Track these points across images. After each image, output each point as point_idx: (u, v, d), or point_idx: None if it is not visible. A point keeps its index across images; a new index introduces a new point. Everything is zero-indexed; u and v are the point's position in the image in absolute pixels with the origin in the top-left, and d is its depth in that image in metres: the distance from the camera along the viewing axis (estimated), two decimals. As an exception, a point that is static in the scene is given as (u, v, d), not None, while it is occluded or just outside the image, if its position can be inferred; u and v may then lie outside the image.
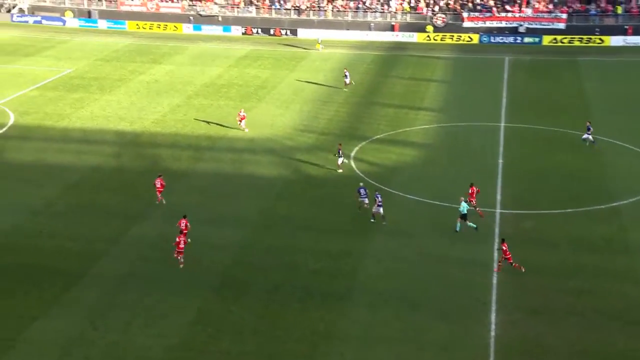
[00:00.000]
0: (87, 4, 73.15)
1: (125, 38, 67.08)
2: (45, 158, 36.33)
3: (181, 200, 32.31)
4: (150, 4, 72.57)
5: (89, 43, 64.69)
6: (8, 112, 43.21)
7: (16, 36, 65.72)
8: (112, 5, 73.03)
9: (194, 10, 72.19)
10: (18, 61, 56.06)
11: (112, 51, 61.72)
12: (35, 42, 63.73)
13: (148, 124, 42.61)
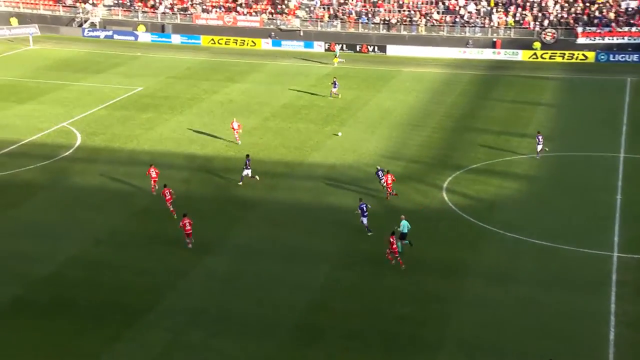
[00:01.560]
0: (161, 18, 76.36)
1: (199, 54, 69.39)
2: (111, 182, 37.74)
3: (253, 232, 32.71)
4: (227, 17, 74.94)
5: (161, 59, 67.31)
6: (75, 132, 45.36)
7: (87, 52, 69.29)
8: (186, 19, 75.90)
9: (274, 25, 73.94)
10: (88, 78, 58.98)
11: (184, 68, 63.93)
12: (106, 58, 66.93)
13: (221, 147, 43.62)
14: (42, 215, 33.68)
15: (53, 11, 78.29)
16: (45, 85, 56.17)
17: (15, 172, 38.30)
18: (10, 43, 71.61)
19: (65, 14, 77.93)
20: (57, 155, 41.04)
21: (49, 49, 69.84)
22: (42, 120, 47.32)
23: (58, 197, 35.72)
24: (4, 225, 32.53)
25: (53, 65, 63.41)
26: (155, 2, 77.42)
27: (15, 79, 57.80)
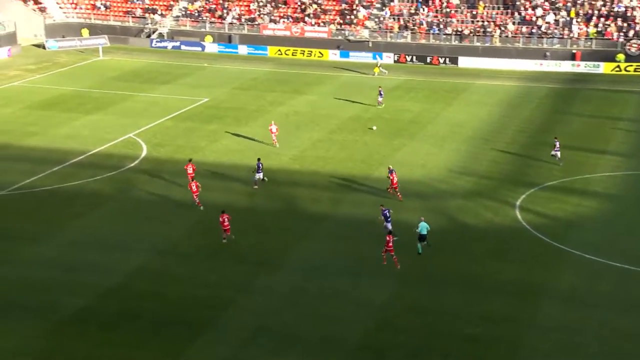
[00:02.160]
0: (228, 28, 77.99)
1: (265, 65, 70.48)
2: (175, 194, 38.66)
3: (318, 247, 32.94)
4: (294, 27, 75.94)
5: (227, 70, 68.67)
6: (141, 143, 46.72)
7: (154, 62, 71.33)
8: (253, 29, 77.29)
9: (342, 35, 74.51)
10: (154, 89, 60.70)
11: (250, 79, 65.03)
12: (173, 68, 68.71)
13: (285, 160, 44.11)
14: (108, 226, 34.78)
15: (123, 22, 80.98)
16: (113, 95, 58.08)
17: (83, 182, 39.70)
18: (80, 54, 74.42)
19: (134, 25, 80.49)
20: (123, 166, 42.35)
21: (117, 60, 72.24)
22: (109, 131, 48.92)
23: (123, 208, 36.83)
24: (71, 235, 33.74)
25: (121, 75, 65.53)
26: (222, 13, 79.20)
27: (85, 89, 60.00)
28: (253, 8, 79.52)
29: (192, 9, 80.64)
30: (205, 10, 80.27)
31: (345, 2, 78.06)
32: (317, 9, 77.91)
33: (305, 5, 78.43)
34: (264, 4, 79.73)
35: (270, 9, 79.17)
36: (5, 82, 61.68)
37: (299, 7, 78.71)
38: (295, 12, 78.49)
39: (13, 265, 30.69)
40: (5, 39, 73.11)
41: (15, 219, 35.07)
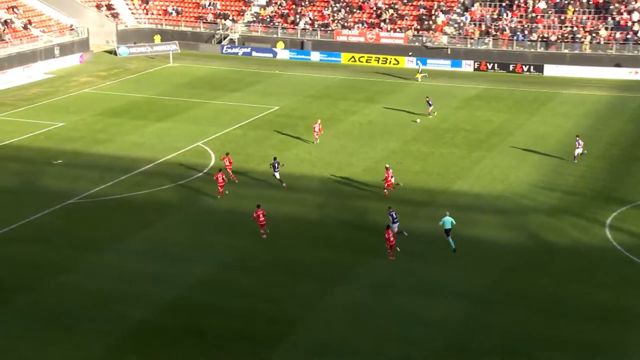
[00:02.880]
0: (300, 34, 78.62)
1: (338, 72, 70.67)
2: (242, 205, 38.91)
3: (388, 263, 32.63)
4: (369, 33, 75.93)
5: (299, 77, 69.14)
6: (209, 152, 47.39)
7: (225, 69, 72.47)
8: (327, 35, 77.66)
9: (419, 42, 74.04)
10: (224, 97, 61.60)
11: (323, 87, 65.26)
12: (243, 75, 69.62)
13: (358, 171, 43.96)
14: (174, 237, 35.32)
15: (194, 28, 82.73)
16: (183, 103, 59.22)
17: (150, 192, 40.51)
18: (151, 60, 76.33)
19: (205, 31, 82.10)
20: (191, 175, 43.02)
21: (187, 66, 73.73)
22: (177, 139, 49.85)
23: (190, 219, 37.36)
24: (137, 245, 34.41)
25: (191, 82, 66.82)
26: (295, 18, 79.87)
27: (154, 96, 61.43)
28: (326, 13, 79.92)
29: (264, 14, 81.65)
30: (277, 15, 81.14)
31: (423, 7, 77.58)
32: (393, 14, 77.69)
33: (381, 10, 78.32)
34: (337, 9, 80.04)
35: (345, 14, 79.39)
36: (76, 89, 63.76)
37: (375, 13, 78.67)
38: (370, 17, 78.48)
39: (79, 274, 31.48)
40: (78, 45, 75.69)
41: (82, 228, 36.02)
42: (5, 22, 71.03)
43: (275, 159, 41.46)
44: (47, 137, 49.62)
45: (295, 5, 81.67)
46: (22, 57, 68.94)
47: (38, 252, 33.27)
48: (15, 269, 31.58)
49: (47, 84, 65.21)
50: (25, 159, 45.44)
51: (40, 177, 42.48)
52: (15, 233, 35.13)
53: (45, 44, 72.28)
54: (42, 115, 54.83)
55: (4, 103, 58.27)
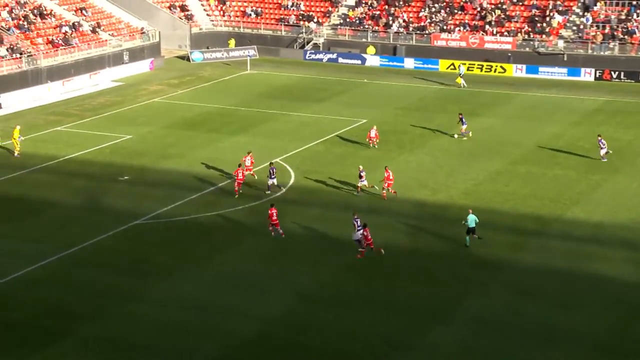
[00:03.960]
0: (393, 39, 78.67)
1: (435, 81, 70.32)
2: (326, 229, 39.05)
3: (492, 300, 31.99)
4: (472, 37, 75.28)
5: (390, 87, 69.10)
6: (289, 169, 47.79)
7: (308, 77, 73.16)
8: (423, 39, 77.46)
9: (530, 47, 72.93)
10: (306, 108, 62.12)
11: (417, 98, 65.00)
12: (328, 84, 70.09)
13: (456, 194, 43.48)
14: (248, 264, 35.65)
15: (274, 31, 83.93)
16: (260, 114, 60.00)
17: (223, 212, 41.10)
18: (226, 67, 77.83)
19: (286, 35, 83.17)
20: (268, 195, 43.42)
21: (266, 74, 74.82)
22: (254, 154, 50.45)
23: (266, 244, 37.65)
24: (207, 272, 34.86)
25: (270, 92, 67.72)
26: (388, 20, 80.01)
27: (229, 107, 62.51)
28: (423, 15, 79.76)
29: (353, 16, 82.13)
30: (367, 17, 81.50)
31: (536, 7, 76.41)
32: (500, 16, 76.84)
33: (486, 11, 77.60)
34: (436, 10, 79.76)
35: (444, 15, 79.04)
36: (145, 98, 65.56)
37: (478, 14, 78.03)
38: (473, 19, 77.90)
39: (146, 303, 32.10)
40: (148, 50, 77.86)
41: (150, 251, 36.81)
42: (73, 25, 73.74)
43: (271, 164, 43.51)
44: (113, 151, 51.09)
45: (388, 6, 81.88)
46: (89, 63, 71.34)
47: (103, 277, 34.12)
48: (79, 296, 32.45)
49: (115, 93, 67.31)
50: (89, 174, 46.89)
51: (104, 195, 43.73)
52: (78, 256, 36.17)
53: (113, 48, 74.65)
54: (109, 127, 56.55)
55: (69, 113, 60.40)
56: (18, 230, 38.80)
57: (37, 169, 47.32)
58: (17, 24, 69.89)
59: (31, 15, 71.94)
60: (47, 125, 56.79)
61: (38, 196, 43.09)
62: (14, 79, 64.46)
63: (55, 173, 46.78)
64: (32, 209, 41.52)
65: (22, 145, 50.18)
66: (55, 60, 68.81)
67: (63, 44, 70.09)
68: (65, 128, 56.57)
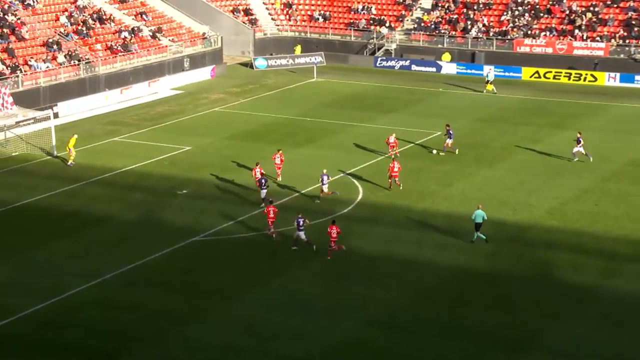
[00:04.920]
0: (471, 44, 78.23)
1: (518, 91, 69.73)
2: (397, 250, 38.89)
3: (579, 331, 31.46)
4: (559, 43, 74.35)
5: (467, 96, 68.65)
6: (357, 185, 47.83)
7: (378, 86, 73.19)
8: (504, 45, 76.81)
9: (625, 53, 71.66)
10: (377, 119, 62.11)
11: (498, 108, 64.42)
12: (400, 93, 69.98)
13: (540, 214, 42.94)
14: (314, 286, 35.71)
15: (343, 36, 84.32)
16: (327, 125, 60.23)
17: (286, 230, 41.31)
18: (291, 74, 78.41)
19: (356, 40, 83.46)
20: (334, 211, 43.50)
21: (334, 82, 75.11)
22: (319, 168, 50.61)
23: (333, 265, 37.68)
24: (270, 294, 34.97)
25: (337, 101, 67.95)
26: (466, 25, 79.60)
27: (294, 117, 62.93)
28: (505, 19, 79.12)
29: (428, 20, 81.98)
30: (444, 22, 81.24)
31: (633, 9, 75.05)
32: (591, 19, 75.69)
33: (576, 14, 76.59)
34: (520, 14, 79.06)
35: (528, 19, 78.29)
36: (206, 107, 66.46)
37: (567, 17, 77.05)
38: (560, 23, 76.97)
39: (205, 326, 32.39)
40: (210, 57, 79.02)
41: (209, 270, 37.20)
42: (133, 31, 75.28)
43: (262, 175, 44.61)
44: (172, 163, 51.88)
45: (466, 9, 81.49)
46: (149, 70, 72.70)
47: (160, 297, 34.59)
48: (135, 316, 32.93)
49: (174, 101, 68.43)
50: (146, 188, 47.68)
51: (162, 210, 44.40)
52: (135, 274, 36.76)
53: (174, 55, 75.97)
54: (167, 138, 57.48)
55: (127, 123, 61.60)
56: (72, 246, 39.63)
57: (92, 181, 48.31)
58: (76, 29, 71.64)
59: (90, 20, 73.64)
60: (104, 136, 58.00)
61: (93, 210, 43.97)
62: (72, 87, 66.03)
63: (112, 186, 47.72)
64: (86, 223, 42.39)
65: (77, 156, 51.28)
66: (113, 67, 70.31)
67: (122, 50, 71.57)
68: (122, 138, 57.70)
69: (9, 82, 61.51)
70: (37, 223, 42.51)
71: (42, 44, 68.11)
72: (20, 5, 71.02)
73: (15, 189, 47.07)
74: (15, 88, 61.77)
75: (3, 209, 44.09)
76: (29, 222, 42.64)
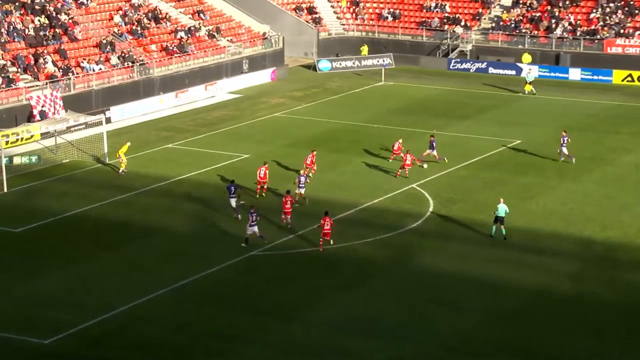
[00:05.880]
0: (555, 45, 77.42)
1: (608, 95, 68.92)
2: (469, 268, 38.62)
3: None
4: (654, 43, 73.13)
5: (552, 102, 67.99)
6: (427, 197, 47.65)
7: (452, 90, 72.86)
8: (593, 46, 75.81)
9: None
10: (449, 126, 61.74)
11: (584, 115, 63.74)
12: (476, 98, 69.62)
13: (632, 231, 42.35)
14: (379, 306, 35.65)
15: (414, 37, 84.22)
16: (396, 132, 59.92)
17: (349, 245, 41.38)
18: (357, 77, 78.57)
19: (428, 41, 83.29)
20: (403, 226, 43.45)
21: (403, 85, 75.07)
22: (386, 178, 50.70)
23: (400, 283, 37.63)
24: (331, 313, 35.00)
25: (407, 107, 67.87)
26: (550, 23, 78.79)
27: (359, 123, 62.97)
28: (595, 16, 78.10)
29: (508, 18, 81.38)
30: (525, 20, 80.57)
31: None
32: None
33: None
34: (612, 11, 77.95)
35: (621, 17, 77.15)
36: (266, 112, 66.98)
37: (665, 14, 75.79)
38: (656, 21, 75.72)
39: (265, 347, 32.45)
40: (270, 59, 79.65)
41: (267, 287, 37.36)
42: (189, 30, 76.30)
43: (232, 182, 45.38)
44: (229, 171, 52.28)
45: (550, 7, 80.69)
46: (206, 72, 73.57)
47: (215, 315, 34.85)
48: (188, 335, 33.18)
49: (232, 106, 69.10)
50: (202, 198, 48.17)
51: (218, 221, 44.82)
52: (189, 290, 37.13)
53: (232, 56, 76.76)
54: (224, 145, 58.04)
55: (182, 129, 62.40)
56: (122, 260, 40.27)
57: (145, 190, 49.01)
58: (130, 29, 72.84)
59: (145, 19, 74.80)
60: (158, 142, 58.83)
61: (145, 221, 44.60)
62: (125, 90, 67.18)
63: (165, 195, 48.37)
64: (138, 235, 43.04)
65: (129, 164, 52.03)
66: (168, 70, 71.38)
67: (178, 51, 72.56)
68: (176, 145, 58.45)
69: (60, 85, 62.84)
70: (86, 234, 43.30)
71: (95, 44, 69.46)
72: (73, 4, 72.53)
73: (64, 198, 48.03)
74: (67, 91, 63.11)
75: (52, 219, 44.97)
76: (78, 233, 43.45)
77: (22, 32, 66.64)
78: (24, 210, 46.34)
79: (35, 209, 46.39)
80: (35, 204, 47.45)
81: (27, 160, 53.71)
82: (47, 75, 63.27)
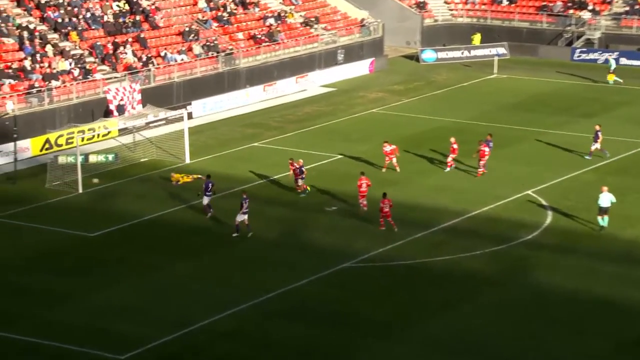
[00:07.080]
0: None
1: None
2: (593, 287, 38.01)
3: None
4: None
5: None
6: (545, 205, 46.92)
7: (575, 84, 71.88)
8: None
9: None
10: (572, 124, 60.93)
11: None
12: (604, 93, 68.61)
13: None
14: (485, 324, 35.38)
15: (532, 23, 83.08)
16: (508, 132, 59.51)
17: (456, 257, 41.13)
18: (466, 69, 78.02)
19: (548, 27, 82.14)
20: (516, 237, 42.98)
21: (518, 79, 74.31)
22: (499, 183, 50.17)
23: (514, 300, 37.33)
24: (433, 331, 34.88)
25: (523, 102, 67.18)
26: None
27: (467, 121, 62.43)
28: None
29: (647, 0, 79.58)
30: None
31: None
32: None
33: None
34: None
35: None
36: (363, 108, 67.00)
37: None
38: None
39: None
40: (368, 48, 79.56)
41: (362, 302, 37.37)
42: (279, 16, 76.67)
43: (208, 177, 46.20)
44: (320, 174, 52.42)
45: None
46: (296, 63, 73.78)
47: (303, 332, 35.01)
48: (274, 353, 33.47)
49: (325, 101, 69.29)
50: (289, 202, 48.36)
51: (308, 229, 45.01)
52: (274, 304, 37.33)
53: (326, 46, 76.85)
54: (316, 144, 58.19)
55: (269, 126, 62.85)
56: (202, 269, 40.76)
57: (227, 193, 49.36)
58: (215, 15, 73.44)
59: (232, 4, 75.27)
60: (243, 140, 59.35)
61: (226, 227, 44.97)
62: (209, 83, 67.73)
63: (249, 199, 48.70)
64: (219, 243, 43.49)
65: (211, 164, 52.58)
66: (256, 60, 71.77)
67: (266, 40, 72.95)
68: (263, 144, 58.90)
69: (140, 76, 63.62)
70: (163, 240, 43.95)
71: (178, 32, 70.18)
72: (155, -13, 73.35)
73: (141, 201, 48.85)
74: (147, 84, 63.92)
75: (127, 223, 45.81)
76: (155, 239, 44.14)
77: (100, 19, 67.77)
78: (99, 213, 47.26)
79: (111, 212, 47.27)
80: (111, 206, 48.37)
81: (103, 158, 54.64)
82: (126, 66, 64.09)
